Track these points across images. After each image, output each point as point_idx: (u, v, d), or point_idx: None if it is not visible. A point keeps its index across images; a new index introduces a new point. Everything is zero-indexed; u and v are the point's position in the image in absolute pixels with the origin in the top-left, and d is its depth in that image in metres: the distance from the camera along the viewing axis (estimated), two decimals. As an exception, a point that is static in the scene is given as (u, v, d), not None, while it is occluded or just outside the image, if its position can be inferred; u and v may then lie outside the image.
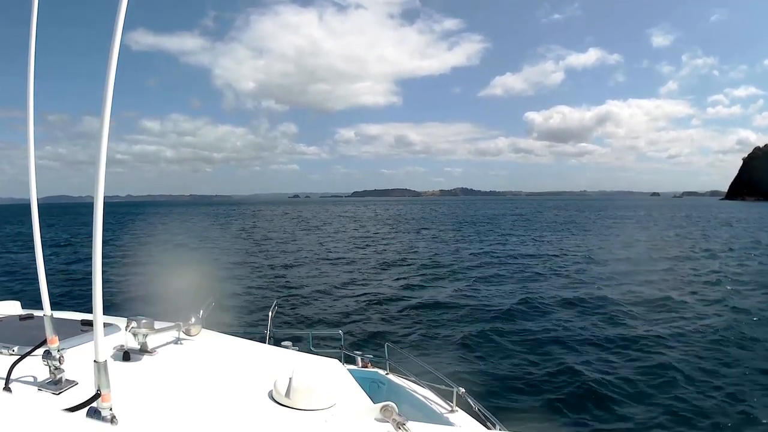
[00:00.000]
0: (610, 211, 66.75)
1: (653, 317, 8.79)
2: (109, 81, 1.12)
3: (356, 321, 8.78)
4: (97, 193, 1.13)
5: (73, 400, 1.37)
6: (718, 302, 10.15)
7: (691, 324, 8.32)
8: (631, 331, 7.94)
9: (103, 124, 1.12)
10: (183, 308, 2.39)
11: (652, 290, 11.24)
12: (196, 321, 2.36)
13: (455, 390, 2.17)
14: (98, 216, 1.15)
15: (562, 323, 8.45)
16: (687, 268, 14.88)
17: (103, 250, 1.17)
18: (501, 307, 9.75)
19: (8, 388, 1.50)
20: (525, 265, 15.71)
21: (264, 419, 1.59)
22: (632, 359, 6.59)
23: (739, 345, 7.22)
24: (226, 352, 2.33)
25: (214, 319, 2.55)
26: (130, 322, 2.00)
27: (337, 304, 10.29)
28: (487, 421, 2.06)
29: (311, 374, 1.79)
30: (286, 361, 2.22)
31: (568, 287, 11.85)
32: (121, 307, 8.28)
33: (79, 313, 2.53)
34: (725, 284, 12.10)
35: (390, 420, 1.62)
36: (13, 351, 1.82)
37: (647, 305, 9.71)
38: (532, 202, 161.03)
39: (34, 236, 1.49)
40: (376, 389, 2.60)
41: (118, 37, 1.09)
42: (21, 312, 2.52)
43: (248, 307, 9.57)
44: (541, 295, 10.81)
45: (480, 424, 2.04)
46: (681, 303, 9.98)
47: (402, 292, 11.51)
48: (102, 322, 1.22)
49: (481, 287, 12.00)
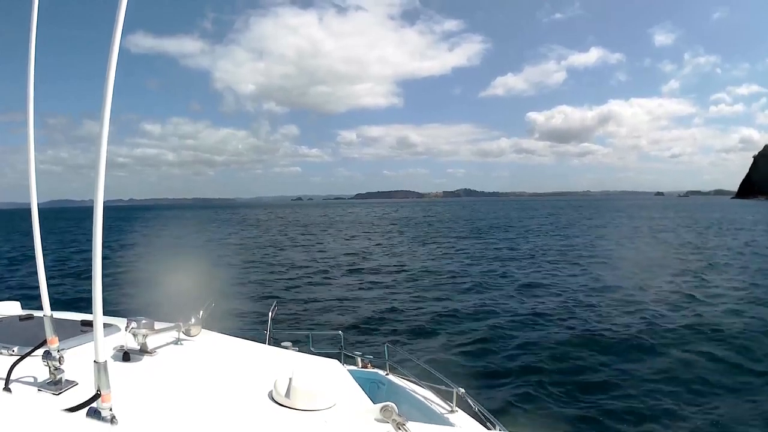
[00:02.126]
0: (635, 212, 62.30)
1: (662, 312, 8.78)
2: (108, 83, 1.12)
3: (356, 321, 8.78)
4: (97, 195, 1.14)
5: (73, 400, 1.37)
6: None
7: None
8: (633, 332, 7.92)
9: (103, 126, 1.12)
10: (183, 309, 2.39)
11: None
12: (196, 321, 2.36)
13: (455, 390, 2.17)
14: (98, 217, 1.15)
15: (561, 323, 8.45)
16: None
17: (103, 251, 1.17)
18: (501, 307, 9.76)
19: (8, 388, 1.51)
20: (529, 266, 15.70)
21: (264, 420, 1.59)
22: (633, 360, 6.58)
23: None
24: (226, 352, 2.33)
25: (214, 319, 2.55)
26: (130, 322, 2.00)
27: (337, 304, 10.29)
28: (487, 422, 2.06)
29: (311, 375, 1.79)
30: (286, 361, 2.22)
31: (572, 289, 11.84)
32: (121, 308, 8.28)
33: (79, 314, 2.54)
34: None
35: (390, 420, 1.62)
36: (13, 351, 1.82)
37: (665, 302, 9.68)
38: (544, 203, 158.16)
39: (34, 237, 1.49)
40: (376, 389, 2.60)
41: (118, 38, 1.10)
42: (21, 312, 2.53)
43: (248, 308, 9.58)
44: (542, 296, 10.82)
45: (480, 425, 2.04)
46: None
47: (402, 292, 11.51)
48: (102, 322, 1.22)
49: (481, 287, 12.01)
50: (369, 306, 10.03)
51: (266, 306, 4.04)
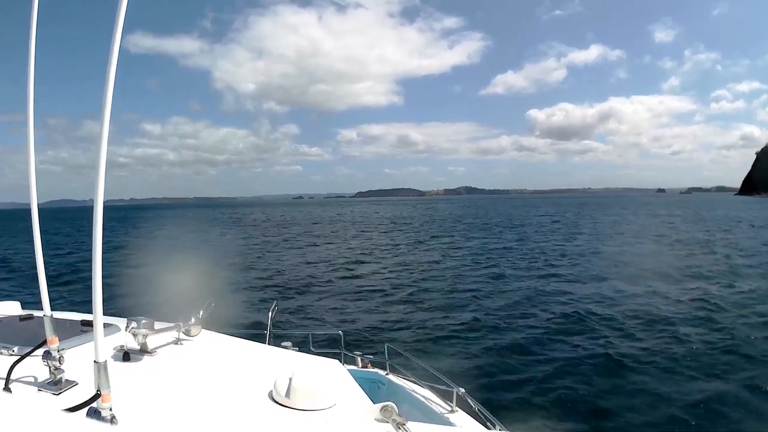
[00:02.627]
0: (645, 209, 60.80)
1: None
2: (108, 83, 1.12)
3: (356, 321, 8.79)
4: (97, 194, 1.14)
5: (73, 400, 1.37)
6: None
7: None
8: (636, 334, 7.93)
9: (103, 126, 1.12)
10: (183, 308, 2.39)
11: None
12: (196, 321, 2.37)
13: (455, 390, 2.17)
14: (98, 217, 1.15)
15: (564, 324, 8.46)
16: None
17: (103, 251, 1.17)
18: (502, 307, 9.76)
19: (8, 388, 1.51)
20: (530, 266, 15.69)
21: (264, 419, 1.59)
22: (635, 362, 6.58)
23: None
24: (226, 352, 2.33)
25: (214, 319, 2.55)
26: (130, 322, 2.00)
27: (337, 304, 10.30)
28: (487, 421, 2.06)
29: (311, 374, 1.79)
30: (286, 361, 2.22)
31: (574, 288, 11.84)
32: (121, 308, 8.27)
33: (79, 314, 2.54)
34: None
35: (390, 420, 1.63)
36: (13, 351, 1.82)
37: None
38: (546, 201, 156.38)
39: (34, 237, 1.50)
40: (376, 389, 2.60)
41: (118, 38, 1.10)
42: (21, 312, 2.53)
43: (248, 308, 9.58)
44: (542, 296, 10.82)
45: (480, 424, 2.04)
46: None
47: (403, 292, 11.51)
48: (102, 322, 1.22)
49: (483, 287, 12.00)
50: (369, 306, 10.04)
51: (266, 306, 4.05)
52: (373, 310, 9.65)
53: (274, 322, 3.08)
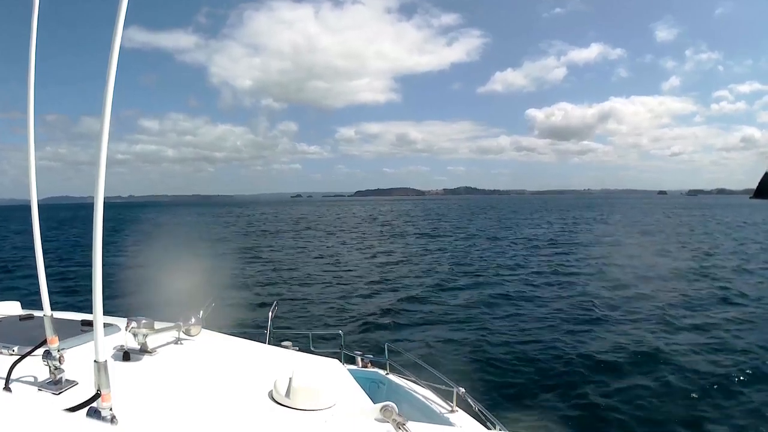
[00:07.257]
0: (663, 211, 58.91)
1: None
2: (109, 82, 1.12)
3: (356, 321, 8.78)
4: (98, 193, 1.14)
5: (73, 400, 1.37)
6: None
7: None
8: (637, 334, 7.92)
9: (104, 123, 1.12)
10: (183, 308, 2.39)
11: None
12: (196, 321, 2.37)
13: (455, 390, 2.17)
14: (98, 216, 1.15)
15: (564, 324, 8.46)
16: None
17: (103, 251, 1.17)
18: (502, 307, 9.76)
19: (8, 388, 1.51)
20: (537, 268, 15.69)
21: (264, 419, 1.60)
22: (636, 361, 6.58)
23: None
24: (226, 352, 2.33)
25: (214, 319, 2.55)
26: (130, 322, 2.01)
27: (337, 304, 10.29)
28: (487, 421, 2.06)
29: (311, 374, 1.79)
30: (286, 361, 2.22)
31: (578, 289, 11.84)
32: (121, 308, 8.27)
33: (79, 313, 2.54)
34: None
35: (390, 420, 1.63)
36: (13, 351, 1.82)
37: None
38: (548, 201, 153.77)
39: (33, 236, 1.49)
40: (376, 389, 2.60)
41: (119, 37, 1.10)
42: (21, 312, 2.53)
43: (248, 307, 9.58)
44: (543, 296, 10.82)
45: (480, 424, 2.04)
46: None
47: (403, 292, 11.50)
48: (102, 322, 1.22)
49: (482, 287, 12.01)
50: (370, 305, 10.03)
51: (266, 306, 4.04)
52: (373, 310, 9.64)
53: (274, 321, 3.08)
